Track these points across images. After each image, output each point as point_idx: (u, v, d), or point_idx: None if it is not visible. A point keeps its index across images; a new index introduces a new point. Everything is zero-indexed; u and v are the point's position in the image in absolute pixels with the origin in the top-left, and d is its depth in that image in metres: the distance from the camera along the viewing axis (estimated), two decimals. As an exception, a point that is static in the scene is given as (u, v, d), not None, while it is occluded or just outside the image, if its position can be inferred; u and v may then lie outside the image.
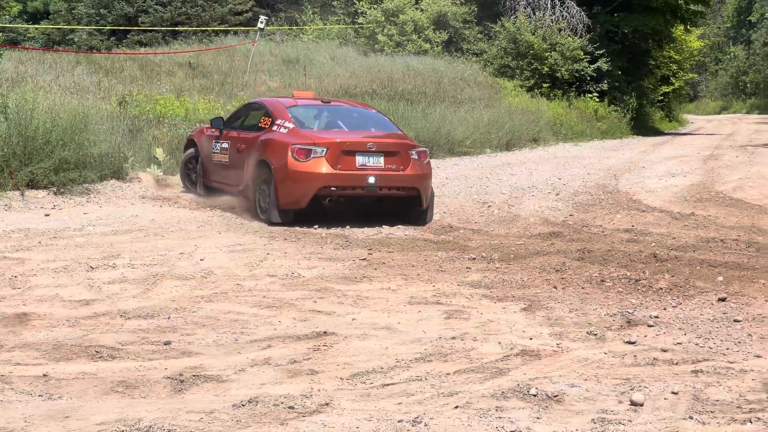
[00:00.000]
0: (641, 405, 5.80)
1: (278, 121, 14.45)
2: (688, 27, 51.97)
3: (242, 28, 40.62)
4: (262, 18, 33.01)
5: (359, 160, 13.72)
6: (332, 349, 7.19)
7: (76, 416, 5.50)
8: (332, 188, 13.64)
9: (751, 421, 5.47)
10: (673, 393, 6.04)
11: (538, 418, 5.60)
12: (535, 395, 5.97)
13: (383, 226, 13.88)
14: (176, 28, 40.51)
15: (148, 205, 14.88)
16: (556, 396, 5.98)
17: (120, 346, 7.08)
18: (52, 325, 7.75)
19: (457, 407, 5.75)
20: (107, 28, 41.50)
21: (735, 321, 8.20)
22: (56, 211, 14.21)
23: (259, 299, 8.89)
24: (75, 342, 7.18)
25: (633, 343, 7.43)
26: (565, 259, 11.05)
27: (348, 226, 13.74)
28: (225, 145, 15.45)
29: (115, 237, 12.09)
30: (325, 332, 7.66)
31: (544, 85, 38.39)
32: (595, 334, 7.72)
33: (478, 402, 5.86)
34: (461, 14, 40.77)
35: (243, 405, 5.73)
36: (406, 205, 14.34)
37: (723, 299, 8.97)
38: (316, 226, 13.66)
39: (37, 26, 49.54)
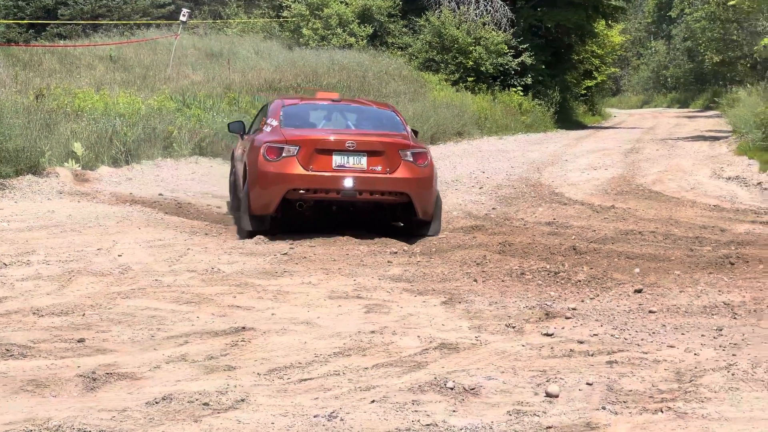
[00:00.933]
0: (556, 396, 5.84)
1: (268, 120, 13.15)
2: (610, 22, 52.48)
3: (165, 21, 40.21)
4: (185, 11, 32.71)
5: (336, 160, 12.14)
6: (250, 345, 7.14)
7: (-16, 416, 5.39)
8: (301, 191, 12.15)
9: (662, 411, 5.53)
10: (587, 384, 6.09)
11: (454, 411, 5.61)
12: (452, 388, 5.98)
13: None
14: (97, 21, 39.98)
15: (66, 201, 14.62)
16: (473, 389, 5.99)
17: (32, 345, 6.94)
18: (-37, 323, 7.59)
19: (373, 401, 5.74)
20: (25, 21, 40.83)
21: (650, 312, 8.30)
22: (-29, 207, 13.92)
23: (177, 295, 8.80)
24: (-14, 340, 7.04)
25: (550, 335, 7.48)
26: (486, 253, 11.10)
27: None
28: (240, 151, 14.10)
29: (30, 233, 11.86)
30: (243, 327, 7.60)
31: (469, 79, 38.54)
32: (514, 327, 7.76)
33: (395, 396, 5.85)
34: (386, 8, 40.75)
35: (157, 402, 5.66)
36: (405, 213, 12.77)
37: (639, 291, 9.09)
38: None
39: (-47, 19, 48.59)
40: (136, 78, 28.02)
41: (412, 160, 12.40)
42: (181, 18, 32.25)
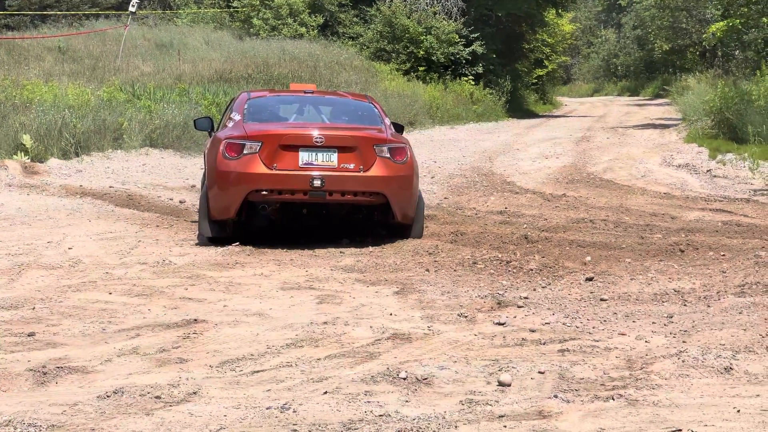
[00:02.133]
0: (508, 385, 5.86)
1: (232, 115, 12.13)
2: (560, 11, 52.73)
3: (114, 12, 39.88)
4: (134, 1, 32.44)
5: (303, 157, 11.08)
6: (202, 337, 7.11)
7: (-68, 413, 5.32)
8: (264, 192, 11.07)
9: (613, 398, 5.57)
10: (539, 372, 6.12)
11: (407, 401, 5.61)
12: (404, 378, 5.99)
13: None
14: (45, 12, 39.56)
15: (15, 193, 14.48)
16: (426, 379, 6.00)
17: (-19, 339, 6.88)
18: None
19: (326, 393, 5.73)
20: (-28, 12, 40.34)
21: (601, 300, 8.36)
22: None
23: (128, 287, 8.74)
24: (-67, 336, 6.95)
25: (503, 324, 7.50)
26: (438, 242, 11.12)
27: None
28: (206, 149, 12.79)
29: (-21, 226, 11.74)
30: (195, 320, 7.57)
31: (420, 68, 38.57)
32: (466, 316, 7.78)
33: (347, 387, 5.85)
34: (336, -2, 40.71)
35: (108, 396, 5.62)
36: (382, 216, 11.75)
37: (590, 279, 9.14)
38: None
39: None
40: (86, 69, 27.79)
41: (389, 156, 11.39)
42: (131, 8, 32.01)
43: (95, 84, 24.36)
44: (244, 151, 11.08)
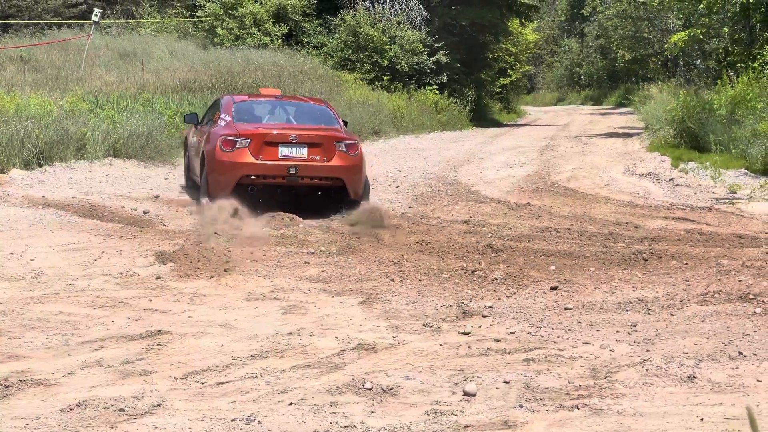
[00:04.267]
0: (474, 395, 5.87)
1: (222, 115, 15.37)
2: (523, 21, 52.96)
3: (77, 21, 39.65)
4: (97, 11, 32.25)
5: (282, 150, 14.37)
6: (166, 348, 7.07)
7: None
8: (252, 177, 14.32)
9: (578, 408, 5.59)
10: (504, 382, 6.13)
11: (372, 412, 5.61)
12: (370, 389, 5.98)
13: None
14: (7, 21, 39.30)
15: (-23, 205, 14.33)
16: (391, 389, 6.00)
17: (-58, 353, 6.80)
18: None
19: (291, 404, 5.72)
20: (-67, 20, 39.95)
21: (566, 309, 8.39)
22: None
23: (92, 299, 8.68)
24: None
25: (468, 333, 7.52)
26: (404, 252, 11.12)
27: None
28: (195, 139, 16.51)
29: (-60, 238, 11.61)
30: (159, 331, 7.53)
31: (385, 77, 38.59)
32: (431, 326, 7.79)
33: (312, 398, 5.84)
34: (301, 7, 40.63)
35: (71, 409, 5.58)
36: (339, 194, 14.84)
37: (555, 288, 9.18)
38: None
39: None
40: (48, 79, 27.56)
41: (345, 150, 14.66)
42: (94, 18, 31.80)
43: (58, 94, 24.15)
44: (237, 146, 14.35)
